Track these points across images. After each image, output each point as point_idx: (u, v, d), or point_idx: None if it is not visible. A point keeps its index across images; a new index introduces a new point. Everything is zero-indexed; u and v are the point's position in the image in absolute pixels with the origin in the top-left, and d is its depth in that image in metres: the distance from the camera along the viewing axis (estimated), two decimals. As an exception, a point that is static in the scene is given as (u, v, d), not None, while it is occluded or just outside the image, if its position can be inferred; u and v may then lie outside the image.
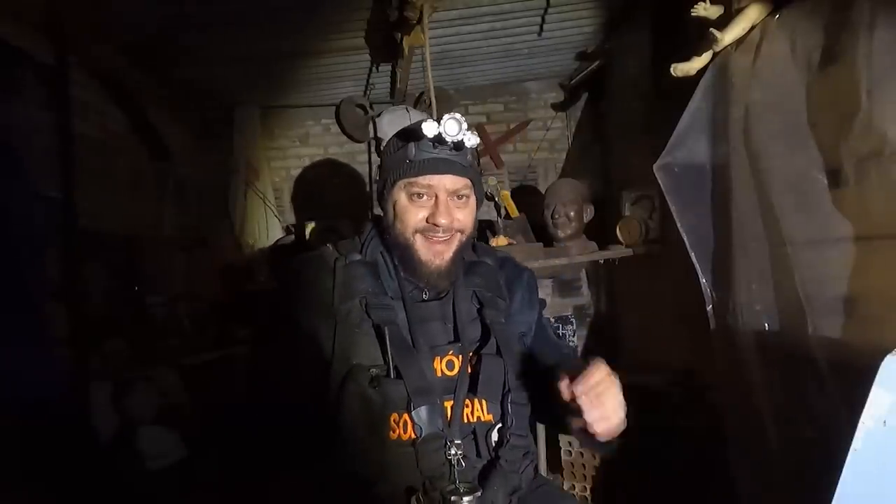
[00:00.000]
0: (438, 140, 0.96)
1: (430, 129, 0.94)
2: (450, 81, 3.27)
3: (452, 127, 0.94)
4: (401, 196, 1.01)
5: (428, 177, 0.99)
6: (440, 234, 1.00)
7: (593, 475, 2.05)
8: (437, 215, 0.99)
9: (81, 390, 1.98)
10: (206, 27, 2.35)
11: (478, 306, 1.07)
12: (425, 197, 1.00)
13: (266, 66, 2.84)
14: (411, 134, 0.99)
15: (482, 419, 0.99)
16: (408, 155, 0.99)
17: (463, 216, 1.02)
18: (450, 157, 0.99)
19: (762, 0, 1.41)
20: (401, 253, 1.03)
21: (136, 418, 2.10)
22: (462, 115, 0.96)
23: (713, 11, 1.53)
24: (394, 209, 1.02)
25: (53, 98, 2.05)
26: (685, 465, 1.81)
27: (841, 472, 0.79)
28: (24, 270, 1.83)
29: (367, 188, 3.46)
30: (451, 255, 1.02)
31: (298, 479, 0.98)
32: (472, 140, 0.98)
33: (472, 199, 1.05)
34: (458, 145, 0.98)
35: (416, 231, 1.00)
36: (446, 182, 1.00)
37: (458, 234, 1.02)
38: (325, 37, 2.57)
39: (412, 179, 0.99)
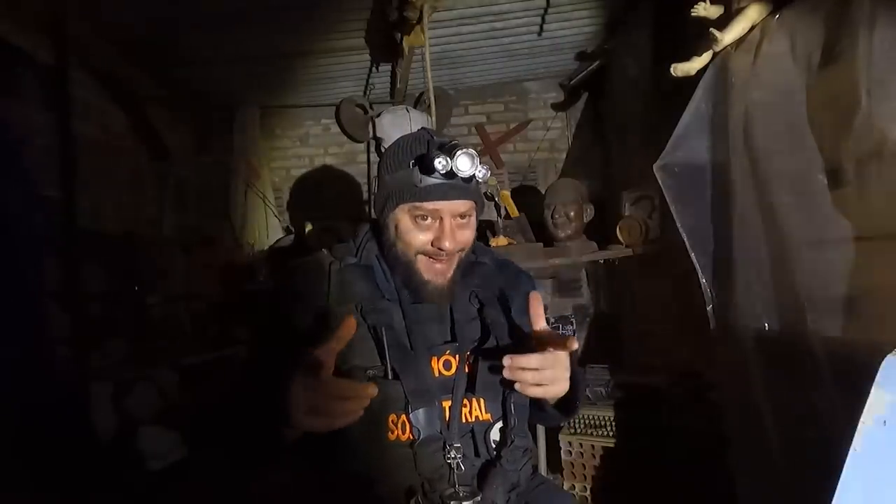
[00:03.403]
0: (449, 175, 0.94)
1: (441, 164, 0.92)
2: (450, 81, 3.27)
3: (465, 163, 0.93)
4: (404, 218, 0.99)
5: (434, 202, 0.97)
6: (443, 256, 1.00)
7: (593, 475, 2.05)
8: (442, 240, 0.98)
9: (81, 390, 1.98)
10: (206, 27, 2.35)
11: (478, 306, 1.07)
12: (429, 219, 0.98)
13: (266, 66, 2.85)
14: (419, 161, 0.97)
15: (480, 418, 0.99)
16: (413, 180, 0.96)
17: (464, 236, 1.01)
18: (457, 183, 0.97)
19: (762, 0, 1.41)
20: (402, 271, 1.02)
21: (136, 418, 2.10)
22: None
23: (713, 11, 1.53)
24: (395, 229, 1.01)
25: (53, 98, 2.05)
26: (685, 464, 1.81)
27: (841, 472, 0.79)
28: (24, 270, 1.83)
29: (366, 188, 3.46)
30: (451, 273, 1.02)
31: (297, 479, 0.98)
32: (483, 174, 0.96)
33: (475, 217, 1.04)
34: (471, 179, 0.96)
35: (419, 252, 1.00)
36: (452, 207, 0.98)
37: (459, 253, 1.02)
38: (325, 37, 2.58)
39: (418, 204, 0.97)
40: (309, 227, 3.11)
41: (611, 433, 2.05)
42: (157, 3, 2.16)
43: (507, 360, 0.88)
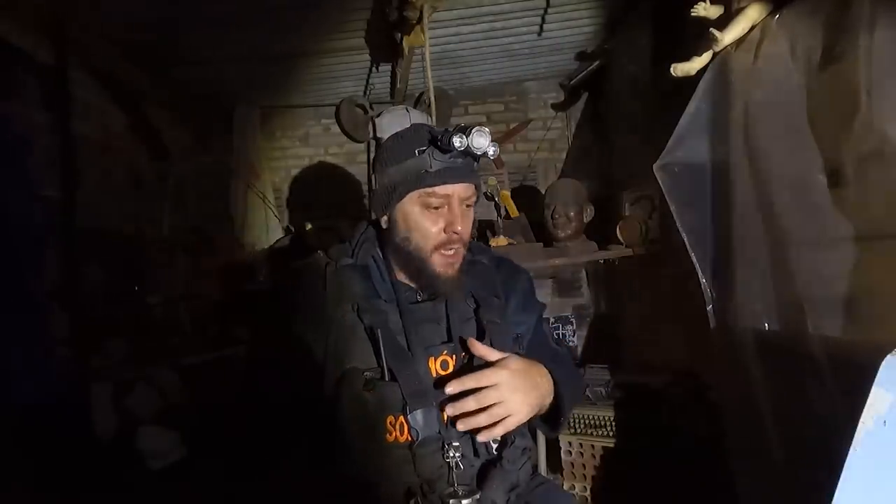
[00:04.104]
0: (464, 153, 0.96)
1: (459, 141, 0.94)
2: (450, 81, 3.26)
3: (480, 140, 0.95)
4: (413, 208, 1.01)
5: (445, 187, 0.99)
6: (455, 246, 1.01)
7: (593, 475, 2.05)
8: (454, 224, 1.00)
9: (81, 390, 1.98)
10: (206, 27, 2.35)
11: (474, 306, 1.07)
12: (440, 206, 1.00)
13: (266, 66, 2.84)
14: (433, 144, 0.98)
15: None
16: (424, 166, 0.98)
17: (468, 224, 1.04)
18: (464, 165, 1.00)
19: (762, 0, 1.41)
20: (415, 266, 1.03)
21: (136, 418, 2.10)
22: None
23: (713, 11, 1.53)
24: (405, 222, 1.02)
25: (53, 98, 2.05)
26: (685, 465, 1.81)
27: (841, 472, 0.79)
28: (24, 270, 1.84)
29: (366, 188, 3.46)
30: (459, 263, 1.04)
31: (298, 481, 0.98)
32: (494, 150, 0.98)
33: (474, 206, 1.07)
34: (483, 155, 0.98)
35: (436, 248, 1.01)
36: (461, 191, 1.01)
37: (464, 245, 1.04)
38: (325, 37, 2.57)
39: (430, 190, 0.99)
40: (309, 227, 3.11)
41: (611, 433, 2.05)
42: (157, 3, 2.16)
43: (449, 410, 0.90)
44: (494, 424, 0.90)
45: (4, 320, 1.70)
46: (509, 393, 0.91)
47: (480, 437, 0.93)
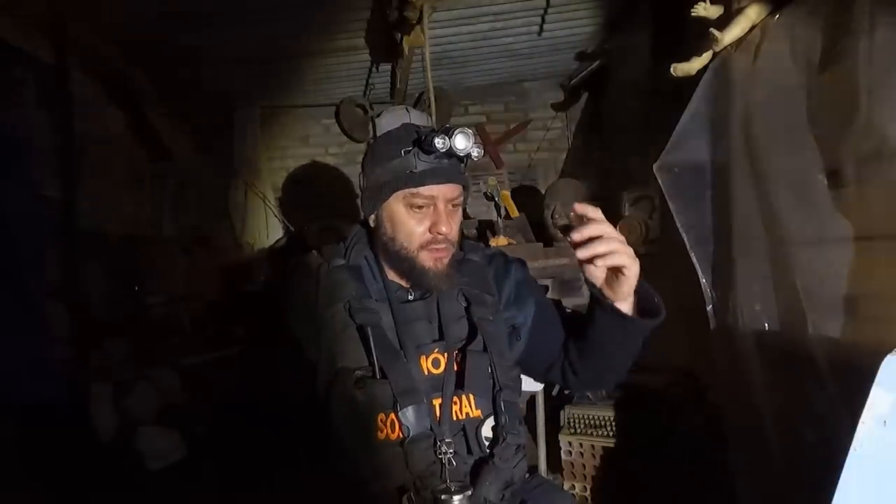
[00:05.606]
0: (448, 154, 0.96)
1: (441, 143, 0.94)
2: (450, 81, 3.27)
3: (462, 141, 0.95)
4: (399, 208, 1.00)
5: (430, 187, 0.98)
6: (441, 245, 1.01)
7: (593, 475, 2.05)
8: (439, 224, 0.99)
9: (81, 390, 1.98)
10: (206, 27, 2.35)
11: (465, 304, 1.07)
12: (424, 206, 1.00)
13: (266, 66, 2.85)
14: (416, 144, 0.98)
15: (471, 415, 0.99)
16: (409, 166, 0.98)
17: (454, 224, 1.03)
18: (450, 166, 1.00)
19: (762, 0, 1.41)
20: (402, 265, 1.03)
21: (136, 418, 2.10)
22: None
23: (713, 11, 1.53)
24: (391, 221, 1.02)
25: (53, 98, 2.05)
26: (685, 465, 1.81)
27: (841, 472, 0.79)
28: (24, 270, 1.84)
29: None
30: (447, 258, 1.03)
31: (294, 480, 0.99)
32: (478, 152, 0.98)
33: (461, 206, 1.07)
34: (467, 157, 0.98)
35: (421, 247, 1.01)
36: (446, 192, 1.00)
37: (451, 244, 1.04)
38: (325, 37, 2.58)
39: (415, 190, 0.98)
40: (308, 227, 3.11)
41: (611, 433, 2.04)
42: (157, 3, 2.16)
43: (575, 235, 0.95)
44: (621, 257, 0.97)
45: (4, 320, 1.70)
46: (624, 241, 0.97)
47: (605, 263, 0.98)
